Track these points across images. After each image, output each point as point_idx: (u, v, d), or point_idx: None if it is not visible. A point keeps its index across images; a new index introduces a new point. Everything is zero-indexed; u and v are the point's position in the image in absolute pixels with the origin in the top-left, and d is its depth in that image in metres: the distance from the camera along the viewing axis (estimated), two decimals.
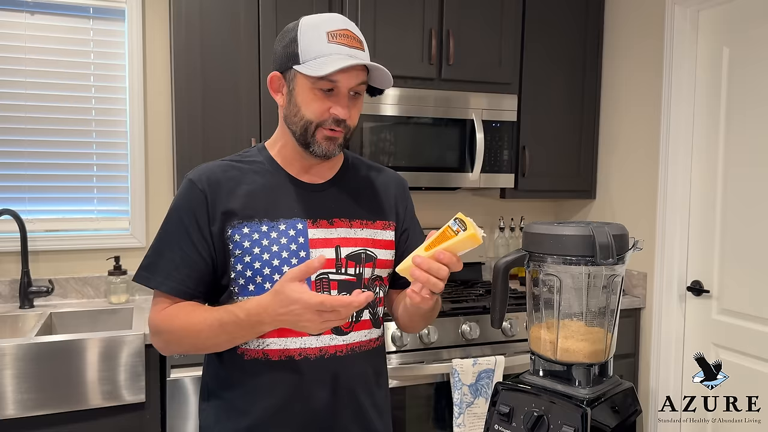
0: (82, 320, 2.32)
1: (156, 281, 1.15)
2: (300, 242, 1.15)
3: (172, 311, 1.13)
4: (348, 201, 1.23)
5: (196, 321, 1.10)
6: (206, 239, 1.14)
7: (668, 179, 2.49)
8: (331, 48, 1.10)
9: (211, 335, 1.09)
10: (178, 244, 1.14)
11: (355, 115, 1.16)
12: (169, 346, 1.17)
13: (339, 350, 1.16)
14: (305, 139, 1.15)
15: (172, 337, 1.13)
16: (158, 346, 1.18)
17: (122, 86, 2.53)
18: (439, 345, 2.31)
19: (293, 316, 0.98)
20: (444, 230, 1.02)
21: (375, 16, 2.42)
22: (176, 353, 1.30)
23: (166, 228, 1.17)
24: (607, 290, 1.07)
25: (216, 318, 1.08)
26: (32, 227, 2.41)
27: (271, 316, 1.01)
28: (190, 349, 1.17)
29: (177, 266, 1.14)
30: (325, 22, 1.12)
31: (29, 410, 1.87)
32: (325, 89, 1.11)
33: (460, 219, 1.02)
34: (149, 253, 1.18)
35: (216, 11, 2.28)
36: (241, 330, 1.07)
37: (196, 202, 1.15)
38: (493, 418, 1.08)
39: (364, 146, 2.41)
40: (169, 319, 1.13)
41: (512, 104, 2.64)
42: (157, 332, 1.15)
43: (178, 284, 1.14)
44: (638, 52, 2.67)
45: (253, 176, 1.19)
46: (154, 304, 1.17)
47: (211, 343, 1.11)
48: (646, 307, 2.64)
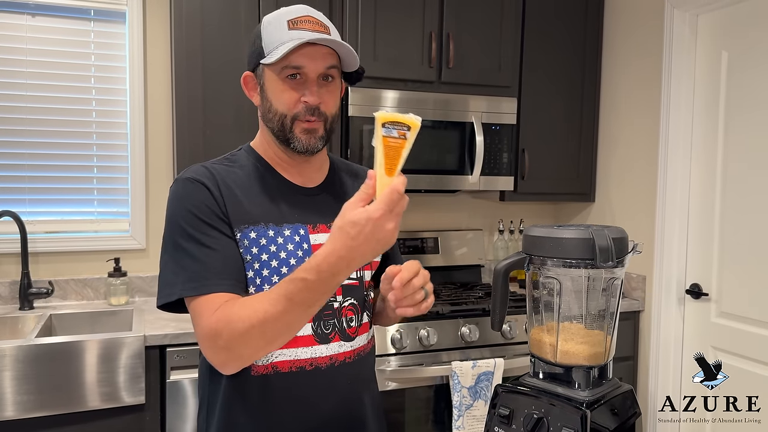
0: (81, 322, 2.32)
1: (208, 286, 1.02)
2: (304, 248, 1.12)
3: (226, 308, 1.00)
4: (343, 203, 1.21)
5: (257, 306, 0.96)
6: (229, 226, 1.07)
7: (667, 182, 2.50)
8: (291, 34, 1.07)
9: (280, 315, 0.94)
10: (211, 240, 1.05)
11: (329, 100, 1.11)
12: (233, 347, 0.98)
13: (348, 356, 1.15)
14: (284, 135, 1.11)
15: (234, 334, 0.97)
16: (219, 356, 1.01)
17: (123, 88, 2.53)
18: (439, 347, 2.31)
19: (369, 236, 0.86)
20: (386, 142, 0.86)
21: (375, 19, 2.42)
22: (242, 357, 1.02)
23: (173, 232, 1.07)
24: (607, 293, 1.07)
25: (280, 295, 0.93)
26: (32, 229, 2.41)
27: (346, 256, 0.88)
28: (259, 343, 0.98)
29: (224, 262, 1.04)
30: (286, 12, 1.11)
31: (29, 412, 1.87)
32: (291, 76, 1.08)
33: (390, 119, 0.85)
34: (181, 266, 1.04)
35: (217, 13, 2.28)
36: (316, 293, 0.92)
37: (201, 194, 1.08)
38: (492, 420, 1.08)
39: (364, 149, 2.41)
40: (225, 315, 0.98)
41: (512, 107, 2.65)
42: (217, 335, 0.98)
43: (232, 279, 1.04)
44: (637, 55, 2.67)
45: (250, 179, 1.15)
46: (200, 315, 1.01)
47: (282, 324, 0.95)
48: (645, 310, 2.64)
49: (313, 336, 1.11)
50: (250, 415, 1.11)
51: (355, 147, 2.40)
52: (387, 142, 0.85)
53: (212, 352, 1.01)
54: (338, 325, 1.14)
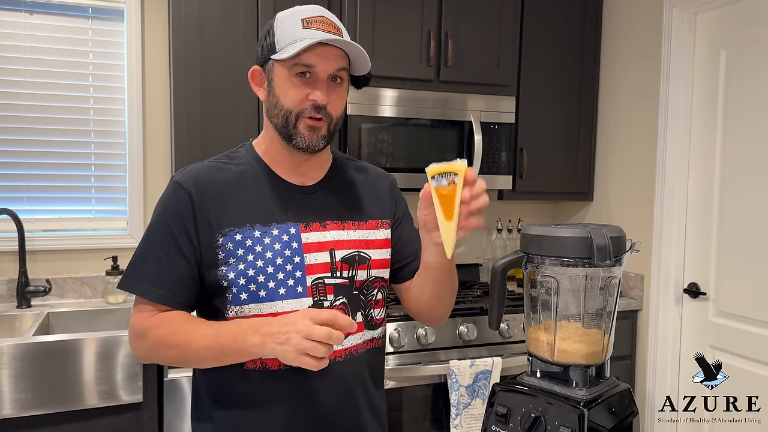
0: (79, 320, 2.32)
1: (141, 288, 1.10)
2: (294, 247, 1.12)
3: (162, 318, 1.09)
4: (339, 202, 1.21)
5: (189, 331, 1.06)
6: (194, 244, 1.10)
7: (665, 181, 2.50)
8: (305, 33, 1.08)
9: (202, 347, 1.04)
10: (164, 249, 1.10)
11: (336, 102, 1.13)
12: (151, 353, 1.12)
13: (338, 356, 1.15)
14: (287, 131, 1.12)
15: (158, 345, 1.08)
16: (138, 352, 1.13)
17: (121, 86, 2.53)
18: (437, 346, 2.32)
19: (284, 335, 0.96)
20: (439, 192, 0.95)
21: (374, 17, 2.42)
22: (156, 362, 1.21)
23: (152, 233, 1.13)
24: (604, 292, 1.07)
25: (213, 328, 1.05)
26: (30, 227, 2.40)
27: (264, 330, 0.98)
28: (174, 360, 1.13)
29: (163, 272, 1.10)
30: (300, 10, 1.12)
31: (26, 410, 1.87)
32: (301, 74, 1.09)
33: (438, 171, 0.95)
34: (134, 259, 1.13)
35: (215, 12, 2.28)
36: (234, 342, 1.01)
37: (182, 204, 1.11)
38: (490, 419, 1.08)
39: (363, 147, 2.41)
40: (157, 326, 1.08)
41: (510, 106, 2.65)
42: (142, 338, 1.10)
43: (165, 292, 1.10)
44: (636, 54, 2.67)
45: (242, 179, 1.15)
46: (138, 311, 1.11)
47: (199, 356, 1.06)
48: (643, 309, 2.64)
49: None
50: (239, 410, 1.13)
51: (353, 145, 2.40)
52: (440, 191, 0.94)
53: (133, 346, 1.14)
54: None
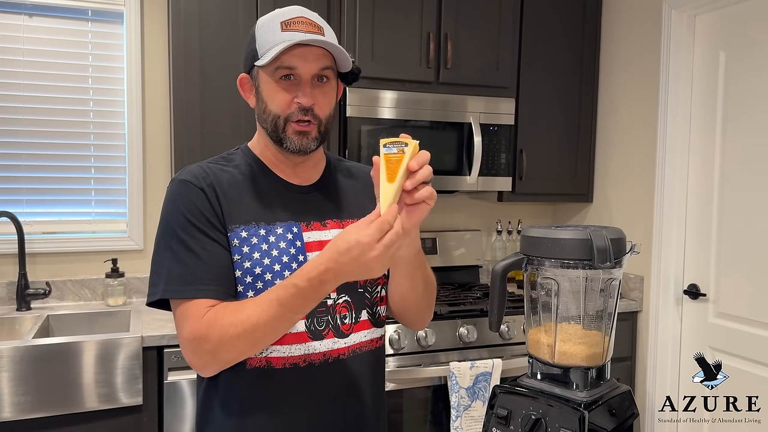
0: (79, 322, 2.31)
1: (190, 290, 1.05)
2: (297, 246, 1.13)
3: (217, 312, 1.03)
4: (337, 202, 1.22)
5: (249, 312, 1.01)
6: (221, 231, 1.09)
7: (665, 182, 2.50)
8: (284, 36, 1.07)
9: (271, 320, 1.00)
10: (200, 245, 1.07)
11: (323, 102, 1.12)
12: (219, 352, 1.03)
13: (342, 353, 1.15)
14: (277, 136, 1.12)
15: (223, 338, 1.01)
16: (203, 359, 1.05)
17: (120, 89, 2.53)
18: (437, 348, 2.31)
19: (355, 257, 0.93)
20: (387, 158, 0.98)
21: (373, 19, 2.42)
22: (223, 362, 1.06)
23: (175, 235, 1.08)
24: (605, 293, 1.07)
25: (272, 300, 1.00)
26: (29, 229, 2.40)
27: (333, 268, 0.95)
28: (245, 347, 1.04)
29: (210, 267, 1.06)
30: (281, 13, 1.11)
31: (26, 413, 1.86)
32: (285, 77, 1.09)
33: (390, 141, 0.98)
34: (167, 268, 1.07)
35: (214, 14, 2.28)
36: (305, 300, 0.99)
37: (197, 199, 1.10)
38: (490, 421, 1.08)
39: (362, 149, 2.41)
40: (216, 320, 1.02)
41: (510, 108, 2.65)
42: (203, 342, 1.02)
43: (217, 286, 1.06)
44: (635, 55, 2.68)
45: (244, 179, 1.16)
46: (187, 317, 1.04)
47: (270, 329, 1.01)
48: (643, 311, 2.64)
49: (306, 333, 1.12)
50: (245, 411, 1.12)
51: (353, 147, 2.40)
52: (388, 157, 0.98)
53: (195, 355, 1.05)
54: (332, 322, 1.14)
